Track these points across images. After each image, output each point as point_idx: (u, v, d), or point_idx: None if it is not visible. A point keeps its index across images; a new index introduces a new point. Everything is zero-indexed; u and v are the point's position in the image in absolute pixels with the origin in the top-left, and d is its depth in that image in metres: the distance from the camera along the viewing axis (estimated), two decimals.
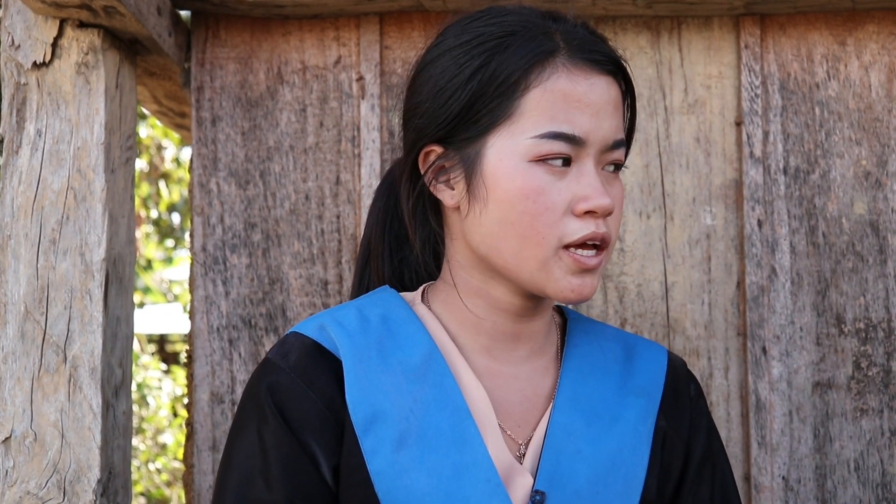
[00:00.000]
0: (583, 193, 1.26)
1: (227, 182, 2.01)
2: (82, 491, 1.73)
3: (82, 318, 1.76)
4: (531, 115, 1.26)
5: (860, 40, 2.00)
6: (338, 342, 1.31)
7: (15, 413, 1.74)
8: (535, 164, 1.25)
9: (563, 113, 1.25)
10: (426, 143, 1.32)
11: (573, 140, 1.25)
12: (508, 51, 1.27)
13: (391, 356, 1.31)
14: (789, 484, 1.94)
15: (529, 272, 1.27)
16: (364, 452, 1.26)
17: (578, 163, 1.27)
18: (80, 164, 1.78)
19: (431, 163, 1.32)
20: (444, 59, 1.31)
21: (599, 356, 1.39)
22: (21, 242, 1.77)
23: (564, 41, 1.28)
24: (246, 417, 1.31)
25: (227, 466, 1.30)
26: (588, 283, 1.27)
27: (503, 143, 1.27)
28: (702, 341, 1.98)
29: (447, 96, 1.29)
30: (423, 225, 1.38)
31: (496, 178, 1.27)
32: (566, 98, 1.26)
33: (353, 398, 1.28)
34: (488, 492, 1.26)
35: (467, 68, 1.28)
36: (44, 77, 1.80)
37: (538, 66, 1.26)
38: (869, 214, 1.98)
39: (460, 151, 1.30)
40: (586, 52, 1.28)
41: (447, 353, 1.33)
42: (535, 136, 1.25)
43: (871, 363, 1.96)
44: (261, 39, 2.03)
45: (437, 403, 1.29)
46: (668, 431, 1.38)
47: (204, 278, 2.00)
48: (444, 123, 1.29)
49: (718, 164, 2.00)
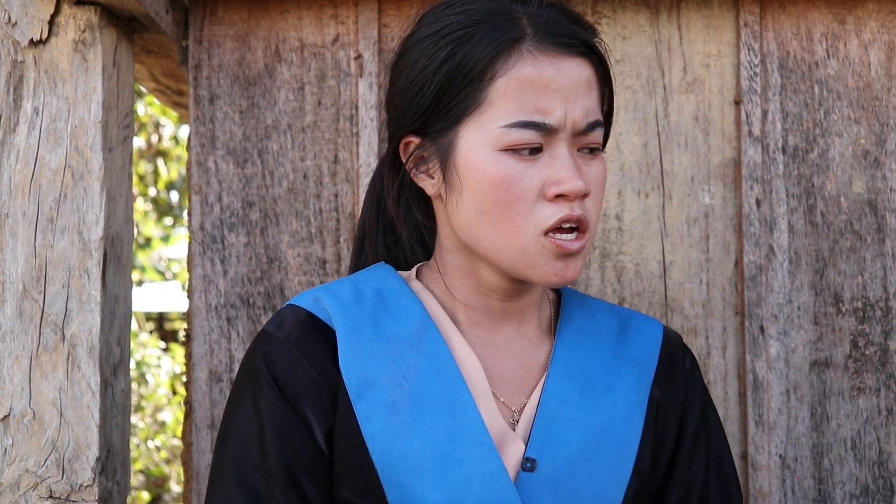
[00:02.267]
0: (555, 177, 1.26)
1: (225, 160, 2.01)
2: (81, 469, 1.73)
3: (80, 296, 1.76)
4: (499, 104, 1.26)
5: (860, 18, 2.00)
6: (332, 313, 1.33)
7: (13, 391, 1.75)
8: (505, 153, 1.26)
9: (531, 100, 1.25)
10: (404, 133, 1.34)
11: (542, 127, 1.25)
12: (473, 40, 1.27)
13: (385, 326, 1.33)
14: (786, 462, 1.95)
15: (509, 260, 1.28)
16: (358, 417, 1.28)
17: (550, 147, 1.27)
18: (77, 142, 1.78)
19: (410, 153, 1.34)
20: (415, 50, 1.32)
21: (594, 328, 1.41)
22: (19, 221, 1.77)
23: (531, 25, 1.28)
24: (242, 387, 1.33)
25: (224, 435, 1.33)
26: (571, 267, 1.28)
27: (473, 134, 1.27)
28: (700, 320, 1.98)
29: (418, 88, 1.30)
30: (409, 212, 1.40)
31: (468, 169, 1.27)
32: (533, 85, 1.25)
33: (346, 365, 1.30)
34: (481, 455, 1.27)
35: (435, 59, 1.28)
36: (41, 55, 1.79)
37: (504, 54, 1.26)
38: (867, 193, 1.98)
39: (435, 142, 1.31)
40: (553, 36, 1.27)
41: (440, 324, 1.35)
42: (503, 125, 1.25)
43: (869, 342, 1.96)
44: (258, 17, 2.02)
45: (431, 370, 1.31)
46: (662, 402, 1.39)
47: (202, 257, 2.00)
48: (418, 115, 1.31)
49: (717, 143, 2.00)
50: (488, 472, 1.27)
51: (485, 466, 1.27)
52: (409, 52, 1.33)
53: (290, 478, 1.28)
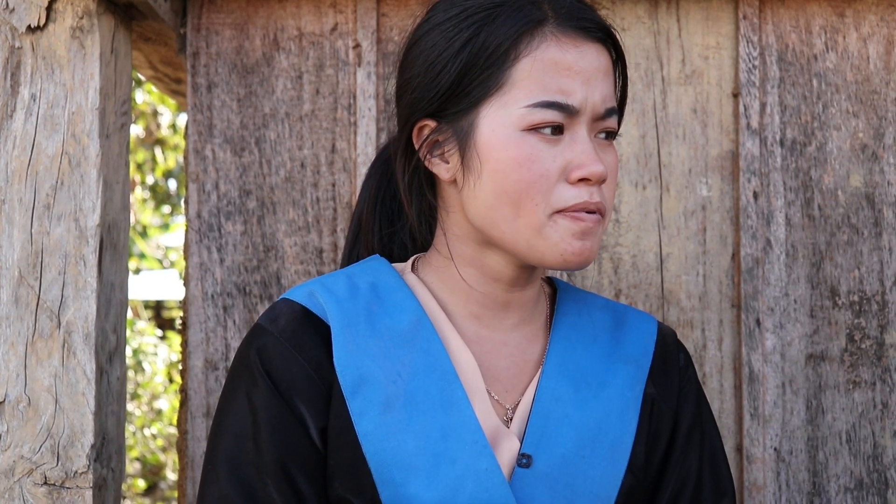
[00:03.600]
0: (577, 161, 1.26)
1: (223, 149, 2.01)
2: (76, 456, 1.73)
3: (76, 283, 1.76)
4: (522, 84, 1.26)
5: (859, 12, 1.99)
6: (326, 308, 1.32)
7: (9, 378, 1.75)
8: (528, 132, 1.26)
9: (554, 81, 1.26)
10: (419, 117, 1.33)
11: (565, 108, 1.26)
12: (497, 21, 1.27)
13: (379, 321, 1.33)
14: (781, 455, 1.95)
15: (526, 241, 1.28)
16: (352, 414, 1.28)
17: (571, 130, 1.27)
18: (74, 129, 1.78)
19: (425, 137, 1.33)
20: (433, 33, 1.31)
21: (588, 324, 1.41)
22: (15, 207, 1.77)
23: (552, 10, 1.29)
24: (236, 382, 1.33)
25: (217, 430, 1.32)
26: (588, 247, 1.27)
27: (495, 114, 1.27)
28: (696, 313, 1.98)
29: (438, 70, 1.29)
30: (419, 199, 1.38)
31: (489, 149, 1.27)
32: (556, 66, 1.26)
33: (340, 362, 1.30)
34: (475, 453, 1.27)
35: (457, 41, 1.28)
36: (38, 41, 1.79)
37: (527, 35, 1.27)
38: (865, 187, 1.98)
39: (453, 125, 1.30)
40: (574, 20, 1.28)
41: (435, 320, 1.34)
42: (526, 105, 1.26)
43: (865, 336, 1.96)
44: (257, 5, 2.02)
45: (425, 367, 1.30)
46: (656, 398, 1.39)
47: (199, 245, 2.00)
48: (437, 97, 1.30)
49: (715, 136, 2.00)
50: (482, 470, 1.26)
51: (478, 464, 1.27)
52: (425, 37, 1.32)
53: (284, 474, 1.27)
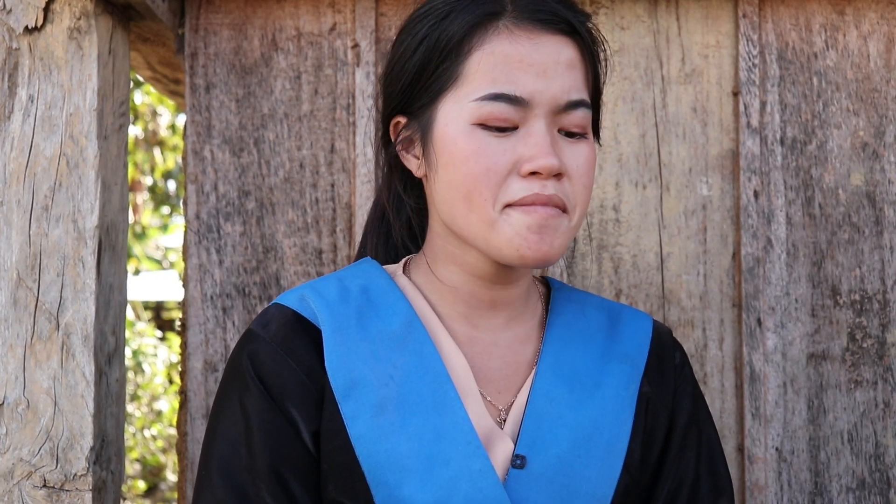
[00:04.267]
0: (528, 154, 1.25)
1: (221, 149, 2.00)
2: (75, 458, 1.73)
3: (75, 285, 1.75)
4: (474, 77, 1.27)
5: (859, 10, 1.99)
6: (317, 312, 1.32)
7: (7, 380, 1.74)
8: (478, 127, 1.26)
9: (504, 74, 1.26)
10: (393, 113, 1.36)
11: (515, 101, 1.25)
12: (452, 15, 1.29)
13: (371, 325, 1.32)
14: (783, 455, 1.94)
15: (482, 236, 1.27)
16: (344, 418, 1.28)
17: (526, 124, 1.26)
18: (72, 130, 1.77)
19: (398, 133, 1.35)
20: (402, 32, 1.34)
21: (583, 323, 1.40)
22: (13, 209, 1.76)
23: (512, 2, 1.29)
24: (228, 387, 1.33)
25: (211, 436, 1.32)
26: (547, 241, 1.25)
27: (450, 108, 1.28)
28: (697, 312, 1.98)
29: (401, 66, 1.32)
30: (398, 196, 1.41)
31: (443, 143, 1.28)
32: (507, 59, 1.26)
33: (332, 365, 1.30)
34: (468, 454, 1.27)
35: (418, 35, 1.31)
36: (36, 42, 1.78)
37: (480, 28, 1.27)
38: (866, 185, 1.97)
39: (418, 119, 1.32)
40: (532, 13, 1.28)
41: (427, 322, 1.34)
42: (477, 98, 1.26)
43: (866, 335, 1.96)
44: (255, 6, 2.01)
45: (417, 370, 1.30)
46: (651, 397, 1.39)
47: (198, 246, 1.99)
48: (401, 92, 1.33)
49: (715, 135, 1.99)
50: (475, 472, 1.26)
51: (472, 465, 1.26)
52: (399, 35, 1.36)
53: (277, 478, 1.27)
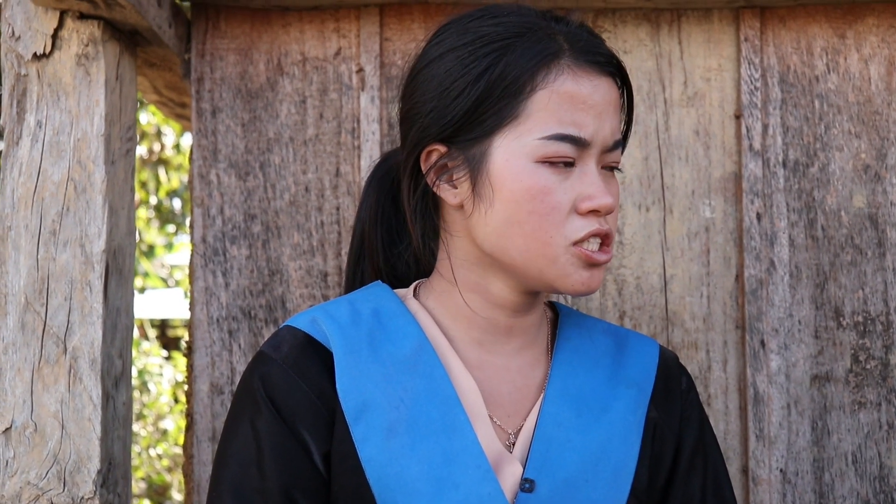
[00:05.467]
0: (587, 193, 1.28)
1: (227, 173, 2.02)
2: (82, 482, 1.73)
3: (82, 309, 1.76)
4: (538, 116, 1.27)
5: (860, 33, 2.00)
6: (329, 334, 1.33)
7: (15, 404, 1.75)
8: (541, 164, 1.28)
9: (569, 114, 1.27)
10: (429, 142, 1.33)
11: (578, 142, 1.27)
12: (515, 52, 1.28)
13: (382, 348, 1.33)
14: (787, 476, 1.95)
15: (538, 269, 1.29)
16: (355, 440, 1.28)
17: (582, 163, 1.29)
18: (80, 155, 1.79)
19: (434, 162, 1.33)
20: (447, 58, 1.31)
21: (590, 348, 1.41)
22: (21, 233, 1.78)
23: (568, 43, 1.30)
24: (239, 409, 1.33)
25: (222, 457, 1.33)
26: (597, 277, 1.31)
27: (509, 144, 1.28)
28: (700, 334, 1.98)
29: (453, 97, 1.30)
30: (423, 223, 1.39)
31: (503, 179, 1.28)
32: (572, 100, 1.28)
33: (343, 388, 1.30)
34: (478, 478, 1.28)
35: (474, 69, 1.29)
36: (44, 68, 1.80)
37: (544, 67, 1.28)
38: (868, 208, 1.98)
39: (465, 151, 1.31)
40: (589, 55, 1.30)
41: (437, 346, 1.35)
42: (541, 137, 1.27)
43: (870, 356, 1.96)
44: (261, 31, 2.03)
45: (427, 393, 1.31)
46: (658, 422, 1.40)
47: (204, 269, 2.00)
48: (450, 124, 1.30)
49: (717, 157, 2.00)
50: (485, 495, 1.27)
51: (481, 489, 1.27)
52: (438, 61, 1.32)
53: (288, 500, 1.28)
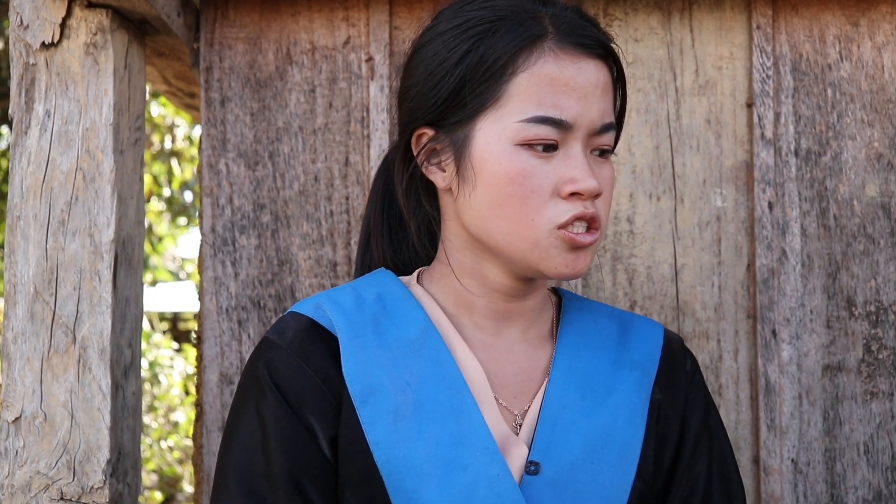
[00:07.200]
0: (569, 175, 1.28)
1: (237, 163, 2.01)
2: (92, 471, 1.74)
3: (91, 299, 1.76)
4: (518, 99, 1.27)
5: (873, 21, 1.99)
6: (334, 320, 1.33)
7: (24, 393, 1.75)
8: (522, 147, 1.28)
9: (550, 97, 1.27)
10: (418, 125, 1.35)
11: (560, 124, 1.27)
12: (496, 35, 1.29)
13: (387, 332, 1.34)
14: (798, 467, 1.94)
15: (521, 252, 1.30)
16: (362, 423, 1.29)
17: (565, 146, 1.29)
18: (88, 144, 1.78)
19: (423, 145, 1.35)
20: (435, 43, 1.33)
21: (594, 332, 1.42)
22: (30, 223, 1.78)
23: (553, 25, 1.30)
24: (245, 395, 1.34)
25: (228, 444, 1.33)
26: (582, 259, 1.30)
27: (491, 127, 1.28)
28: (711, 324, 1.97)
29: (437, 80, 1.31)
30: (418, 206, 1.40)
31: (484, 162, 1.29)
32: (553, 82, 1.27)
33: (349, 371, 1.31)
34: (486, 459, 1.28)
35: (456, 52, 1.30)
36: (52, 57, 1.79)
37: (525, 50, 1.28)
38: (881, 197, 1.97)
39: (450, 134, 1.32)
40: (574, 37, 1.29)
41: (442, 329, 1.35)
42: (521, 119, 1.27)
43: (882, 346, 1.95)
44: (269, 20, 2.02)
45: (434, 376, 1.31)
46: (663, 404, 1.40)
47: (213, 259, 2.00)
48: (434, 107, 1.32)
49: (729, 146, 1.99)
50: (493, 477, 1.27)
51: (489, 471, 1.27)
52: (427, 45, 1.34)
53: (295, 486, 1.28)
